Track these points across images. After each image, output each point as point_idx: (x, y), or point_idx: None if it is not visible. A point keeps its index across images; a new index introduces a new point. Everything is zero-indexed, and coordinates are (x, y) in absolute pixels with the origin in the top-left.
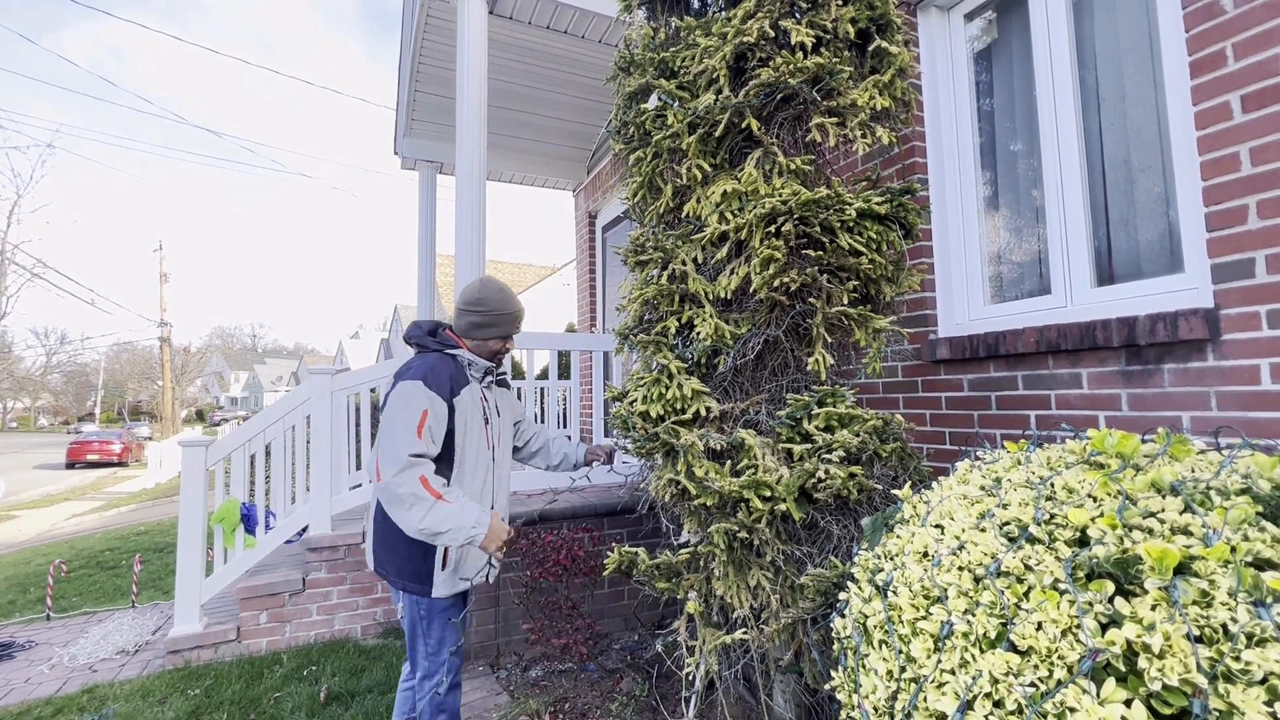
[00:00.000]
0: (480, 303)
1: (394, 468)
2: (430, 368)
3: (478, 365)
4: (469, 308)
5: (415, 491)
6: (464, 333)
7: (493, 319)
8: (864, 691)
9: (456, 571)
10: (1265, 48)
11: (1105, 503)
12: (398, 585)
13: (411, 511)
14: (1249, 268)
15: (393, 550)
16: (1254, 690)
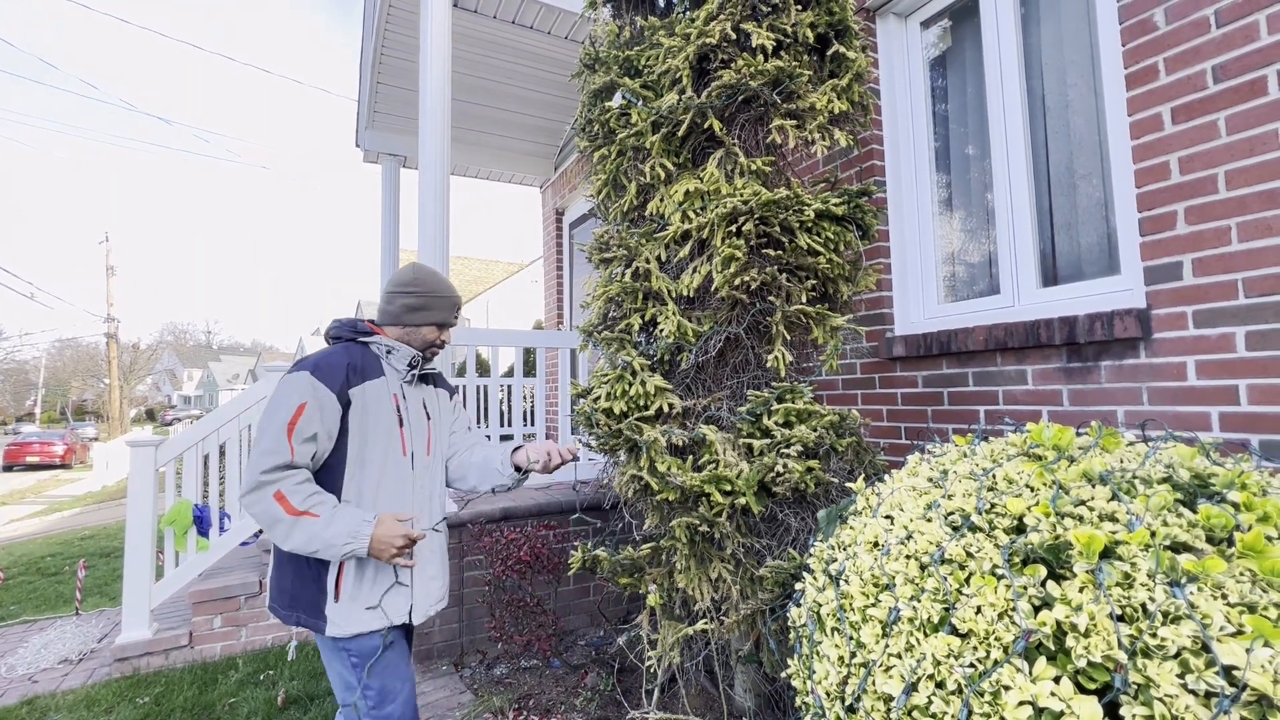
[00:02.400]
0: (415, 283)
1: (245, 486)
2: (325, 356)
3: (400, 353)
4: (401, 289)
5: (269, 511)
6: (393, 319)
7: (427, 300)
8: (817, 677)
9: (357, 600)
10: (1193, 63)
11: (1041, 492)
12: (290, 619)
13: (275, 532)
14: (1178, 270)
15: (277, 568)
16: (1168, 664)
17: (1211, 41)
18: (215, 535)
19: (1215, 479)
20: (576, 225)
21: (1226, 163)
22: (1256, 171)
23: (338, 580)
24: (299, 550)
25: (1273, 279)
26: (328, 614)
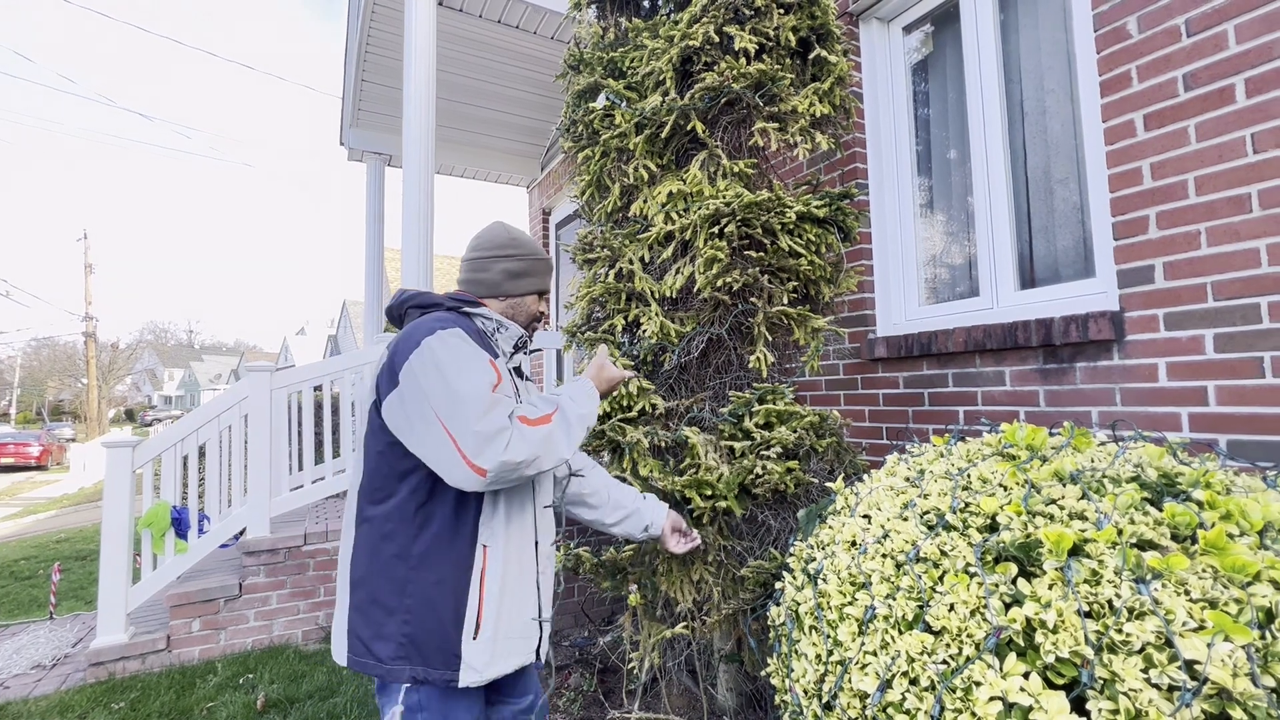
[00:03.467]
0: (514, 243)
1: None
2: (455, 320)
3: (508, 331)
4: (499, 251)
5: (537, 437)
6: (492, 288)
7: (529, 264)
8: (795, 675)
9: (502, 626)
10: (1165, 71)
11: (1014, 491)
12: (401, 675)
13: (558, 449)
14: (1150, 274)
15: (369, 603)
16: (1133, 659)
17: (1182, 50)
18: (194, 537)
19: (1182, 478)
20: (563, 225)
21: (1196, 169)
22: (1225, 177)
23: (480, 603)
24: (576, 422)
25: (1240, 283)
26: (464, 655)
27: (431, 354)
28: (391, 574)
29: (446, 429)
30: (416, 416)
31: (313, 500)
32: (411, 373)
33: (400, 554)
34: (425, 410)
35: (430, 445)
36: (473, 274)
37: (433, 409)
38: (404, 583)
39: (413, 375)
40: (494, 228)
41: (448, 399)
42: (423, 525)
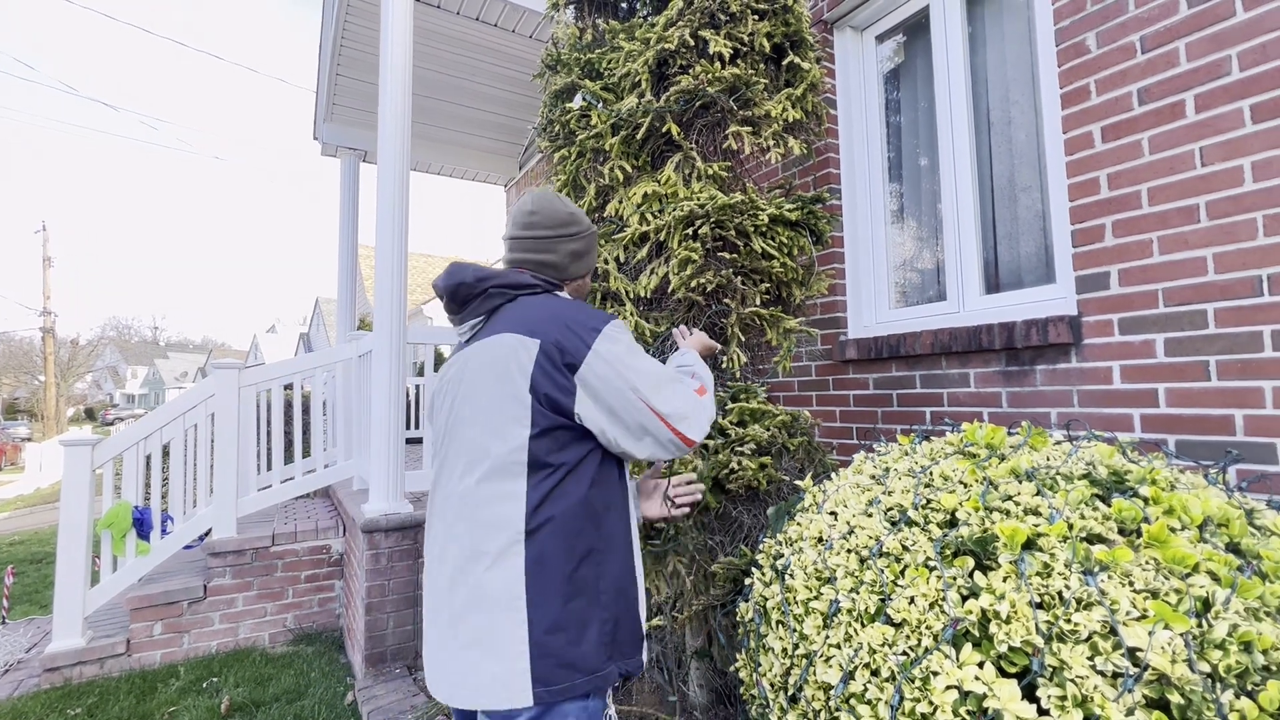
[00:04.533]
0: (575, 220)
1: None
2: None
3: None
4: (564, 231)
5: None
6: (559, 271)
7: (589, 242)
8: (763, 670)
9: (617, 642)
10: (1121, 85)
11: (973, 488)
12: (611, 678)
13: (707, 397)
14: (1105, 280)
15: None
16: (1080, 647)
17: (1137, 66)
18: (157, 539)
19: (1130, 475)
20: None
21: (1149, 180)
22: (1176, 189)
23: (640, 576)
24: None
25: (1188, 289)
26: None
27: (618, 338)
28: (588, 574)
29: (652, 407)
30: (617, 399)
31: (281, 500)
32: (602, 359)
33: (592, 549)
34: (626, 392)
35: (633, 425)
36: (534, 254)
37: (634, 390)
38: (597, 578)
39: (605, 361)
40: (549, 200)
41: (649, 379)
42: (603, 511)
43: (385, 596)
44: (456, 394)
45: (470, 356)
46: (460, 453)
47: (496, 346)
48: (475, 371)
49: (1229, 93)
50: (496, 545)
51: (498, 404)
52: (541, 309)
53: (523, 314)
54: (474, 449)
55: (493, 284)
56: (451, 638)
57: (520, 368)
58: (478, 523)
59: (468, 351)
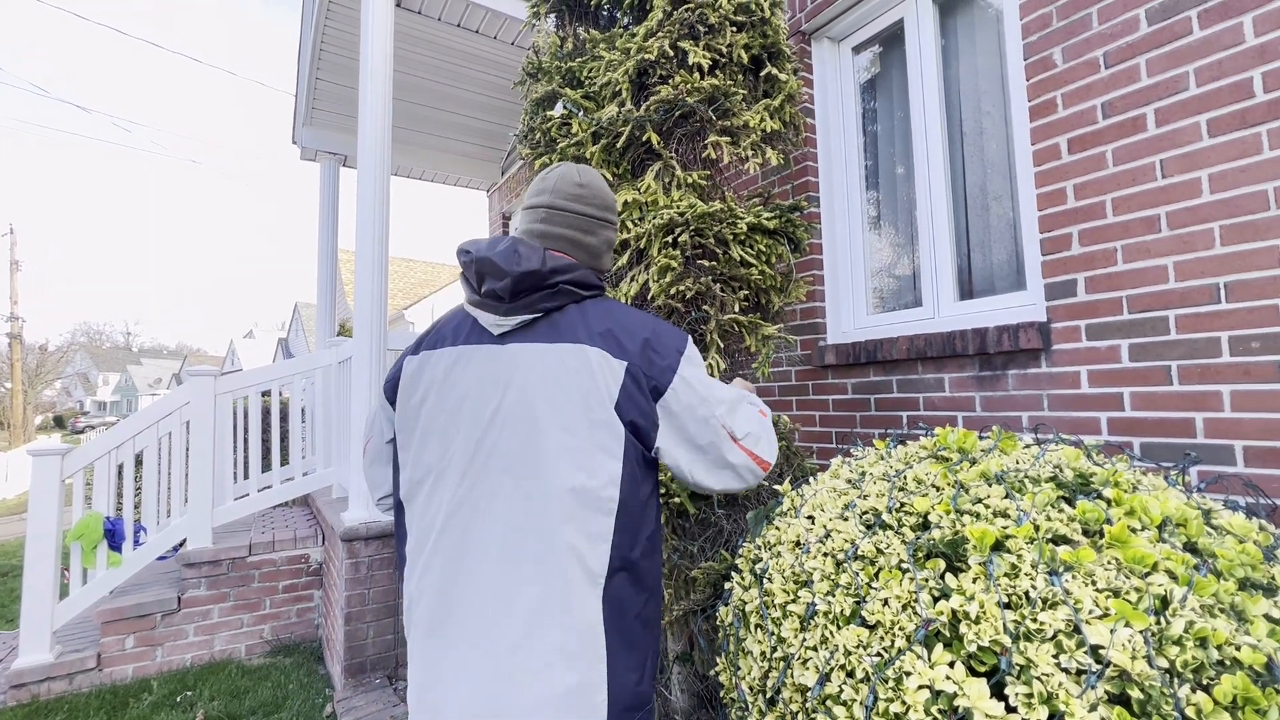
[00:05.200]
0: (612, 206)
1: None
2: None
3: None
4: (608, 215)
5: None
6: (595, 258)
7: (616, 229)
8: (742, 673)
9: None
10: (1086, 99)
11: (945, 491)
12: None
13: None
14: (1073, 287)
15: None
16: (1046, 646)
17: (1101, 80)
18: (129, 550)
19: (1095, 477)
20: None
21: (1113, 190)
22: (1138, 199)
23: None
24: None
25: (1151, 297)
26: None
27: (699, 361)
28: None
29: (732, 434)
30: (700, 429)
31: (259, 509)
32: (688, 384)
33: (656, 586)
34: (711, 421)
35: (715, 456)
36: (576, 232)
37: (717, 418)
38: (655, 614)
39: (690, 387)
40: (597, 178)
41: (727, 405)
42: (660, 545)
43: (365, 606)
44: (503, 401)
45: (525, 362)
46: (518, 475)
47: (573, 359)
48: (542, 384)
49: (1187, 107)
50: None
51: (582, 429)
52: (616, 320)
53: (596, 322)
54: (547, 476)
55: (565, 279)
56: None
57: (608, 390)
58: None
59: (516, 352)
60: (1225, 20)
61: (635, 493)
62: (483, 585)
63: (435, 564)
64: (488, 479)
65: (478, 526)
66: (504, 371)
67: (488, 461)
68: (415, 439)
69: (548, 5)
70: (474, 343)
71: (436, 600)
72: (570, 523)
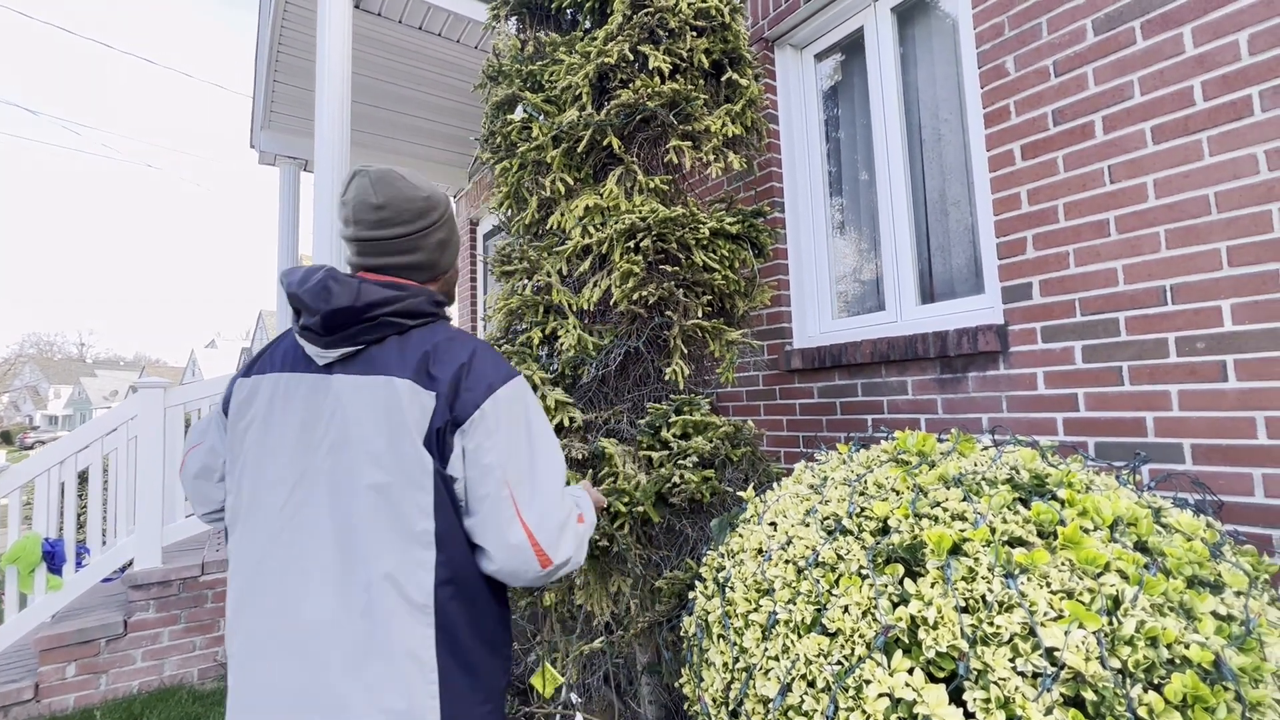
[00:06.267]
0: (433, 204)
1: (576, 536)
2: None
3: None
4: (425, 223)
5: (581, 537)
6: (429, 270)
7: (454, 223)
8: (705, 684)
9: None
10: (1037, 106)
11: (904, 495)
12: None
13: (583, 528)
14: (1028, 291)
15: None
16: (1002, 649)
17: (1051, 88)
18: (71, 573)
19: (1050, 478)
20: (491, 236)
21: (1065, 195)
22: (1088, 204)
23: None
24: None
25: (1101, 299)
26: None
27: (515, 404)
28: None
29: (515, 501)
30: (480, 473)
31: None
32: (485, 420)
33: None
34: (492, 470)
35: (487, 512)
36: (396, 256)
37: (503, 468)
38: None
39: (487, 425)
40: (396, 185)
41: (528, 468)
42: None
43: None
44: (322, 434)
45: (343, 395)
46: (333, 509)
47: (383, 392)
48: (356, 417)
49: (1132, 115)
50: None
51: (392, 463)
52: (435, 349)
53: (411, 354)
54: (362, 510)
55: (384, 313)
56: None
57: (416, 423)
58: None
59: (336, 384)
60: (1166, 31)
61: (454, 523)
62: (299, 620)
63: (250, 597)
64: (305, 511)
65: (294, 559)
66: (325, 403)
67: (308, 494)
68: (239, 465)
69: (508, 8)
70: (300, 370)
71: (248, 637)
72: (389, 554)
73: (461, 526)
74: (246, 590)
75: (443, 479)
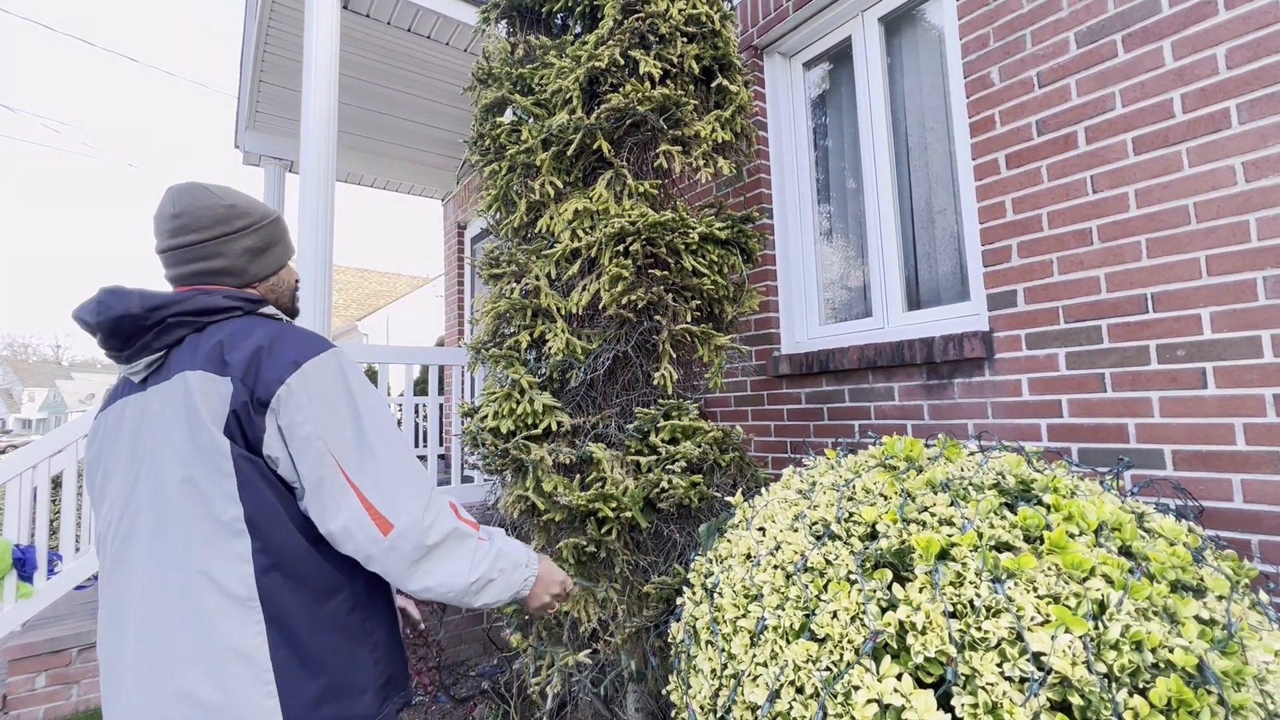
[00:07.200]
0: (239, 213)
1: (422, 497)
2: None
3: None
4: (226, 230)
5: (458, 527)
6: (238, 275)
7: (273, 233)
8: (692, 692)
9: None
10: (1021, 117)
11: (892, 500)
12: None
13: (457, 556)
14: (1013, 298)
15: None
16: (990, 655)
17: (1035, 99)
18: (42, 580)
19: (1035, 484)
20: (478, 240)
21: (1048, 205)
22: (1071, 214)
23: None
24: (481, 578)
25: (1084, 307)
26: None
27: (327, 377)
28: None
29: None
30: (299, 446)
31: None
32: (292, 394)
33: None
34: (312, 440)
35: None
36: (196, 263)
37: (323, 438)
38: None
39: (294, 399)
40: (197, 195)
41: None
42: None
43: None
44: (139, 449)
45: (150, 403)
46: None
47: (177, 388)
48: (161, 421)
49: (1114, 126)
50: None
51: (193, 458)
52: (231, 337)
53: (205, 344)
54: (173, 511)
55: (171, 313)
56: None
57: (210, 411)
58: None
59: (146, 397)
60: (1147, 44)
61: (269, 506)
62: (135, 635)
63: (104, 623)
64: (131, 538)
65: (127, 579)
66: (142, 418)
67: (137, 511)
68: (95, 500)
69: (498, 11)
70: (127, 394)
71: (105, 660)
72: (202, 549)
73: (280, 509)
74: (99, 622)
75: (247, 460)
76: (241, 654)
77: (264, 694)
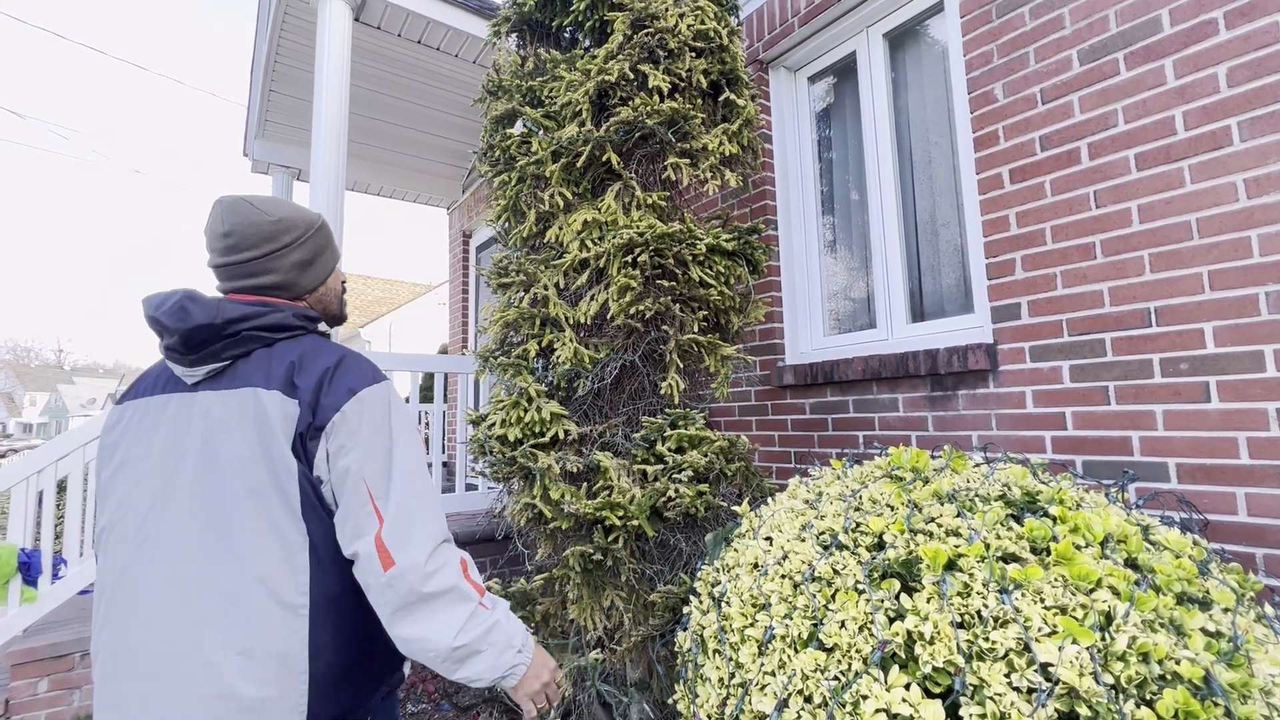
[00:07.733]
0: (286, 227)
1: (431, 543)
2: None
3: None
4: (275, 246)
5: (459, 586)
6: (289, 289)
7: (320, 243)
8: (700, 701)
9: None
10: (1025, 132)
11: (900, 511)
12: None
13: (450, 614)
14: (1017, 311)
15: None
16: (998, 665)
17: (1038, 115)
18: (46, 585)
19: (1041, 495)
20: (484, 249)
21: (1052, 219)
22: (1075, 228)
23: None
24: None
25: (1089, 320)
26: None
27: (378, 408)
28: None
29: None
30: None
31: None
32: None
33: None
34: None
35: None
36: (249, 279)
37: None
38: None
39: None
40: (244, 212)
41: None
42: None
43: None
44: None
45: (210, 410)
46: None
47: (250, 403)
48: (223, 430)
49: (1116, 142)
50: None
51: (260, 473)
52: (301, 358)
53: (277, 364)
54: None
55: (247, 328)
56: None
57: (283, 431)
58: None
59: (203, 400)
60: (1149, 62)
61: (320, 524)
62: (167, 634)
63: (108, 622)
64: (167, 522)
65: (151, 576)
66: (193, 421)
67: (173, 508)
68: (106, 487)
69: (509, 25)
70: (170, 391)
71: (110, 656)
72: (262, 557)
73: (330, 526)
74: (105, 615)
75: (308, 481)
76: (285, 659)
77: (298, 694)
